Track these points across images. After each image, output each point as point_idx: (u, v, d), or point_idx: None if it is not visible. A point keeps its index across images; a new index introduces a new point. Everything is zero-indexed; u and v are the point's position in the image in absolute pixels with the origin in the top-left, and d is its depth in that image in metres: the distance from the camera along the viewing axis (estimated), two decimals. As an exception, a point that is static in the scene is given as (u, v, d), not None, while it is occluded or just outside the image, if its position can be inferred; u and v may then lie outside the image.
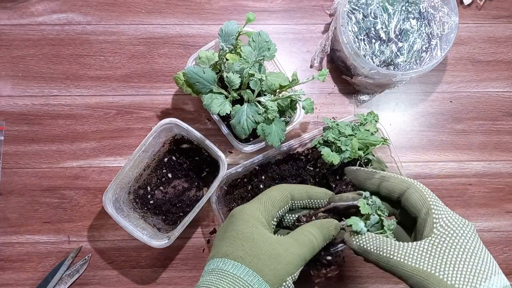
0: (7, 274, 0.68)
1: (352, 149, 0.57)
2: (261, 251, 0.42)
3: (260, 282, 0.40)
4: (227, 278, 0.40)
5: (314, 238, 0.46)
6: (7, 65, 0.72)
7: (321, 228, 0.47)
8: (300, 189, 0.51)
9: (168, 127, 0.62)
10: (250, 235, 0.43)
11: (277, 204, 0.48)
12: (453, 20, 0.68)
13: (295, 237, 0.45)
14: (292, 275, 0.42)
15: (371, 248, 0.45)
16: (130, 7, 0.74)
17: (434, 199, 0.46)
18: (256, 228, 0.44)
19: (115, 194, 0.62)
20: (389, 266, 0.43)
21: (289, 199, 0.49)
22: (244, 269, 0.41)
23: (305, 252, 0.44)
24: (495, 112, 0.74)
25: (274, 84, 0.59)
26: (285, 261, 0.42)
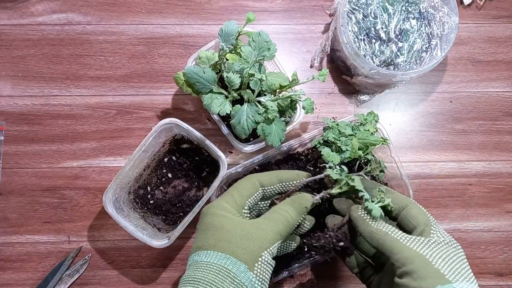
0: (7, 274, 0.68)
1: (352, 149, 0.57)
2: (231, 235, 0.43)
3: (234, 262, 0.41)
4: (201, 267, 0.42)
5: (286, 213, 0.47)
6: (7, 65, 0.72)
7: (292, 203, 0.49)
8: (270, 175, 0.52)
9: (168, 127, 0.62)
10: (219, 224, 0.45)
11: (245, 193, 0.49)
12: (453, 20, 0.68)
13: (266, 216, 0.47)
14: (267, 249, 0.43)
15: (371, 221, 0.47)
16: (130, 7, 0.74)
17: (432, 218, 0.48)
18: (225, 218, 0.45)
19: (115, 194, 0.62)
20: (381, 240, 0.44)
21: (258, 187, 0.50)
22: (217, 255, 0.42)
23: (279, 227, 0.45)
24: (495, 112, 0.74)
25: (274, 84, 0.59)
26: (257, 238, 0.43)
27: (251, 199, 0.50)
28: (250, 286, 0.41)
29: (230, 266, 0.41)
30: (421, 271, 0.40)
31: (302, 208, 0.49)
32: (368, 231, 0.46)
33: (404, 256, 0.42)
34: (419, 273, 0.40)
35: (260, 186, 0.51)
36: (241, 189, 0.50)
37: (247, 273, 0.41)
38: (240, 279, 0.41)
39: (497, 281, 0.71)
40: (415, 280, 0.40)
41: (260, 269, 0.42)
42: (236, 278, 0.41)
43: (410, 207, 0.49)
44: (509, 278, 0.71)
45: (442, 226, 0.72)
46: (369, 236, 0.46)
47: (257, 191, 0.50)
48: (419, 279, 0.40)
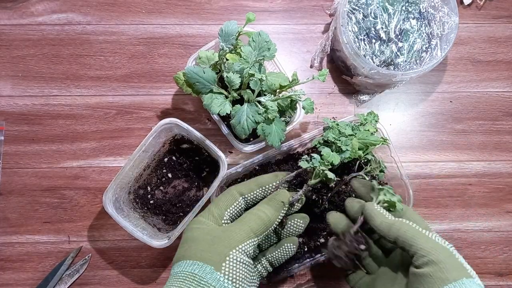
0: (7, 274, 0.68)
1: (352, 149, 0.57)
2: (200, 243, 0.45)
3: (200, 265, 0.43)
4: (172, 278, 0.44)
5: (260, 211, 0.49)
6: (7, 65, 0.72)
7: (268, 202, 0.50)
8: (248, 182, 0.53)
9: (168, 127, 0.62)
10: (192, 237, 0.47)
11: (222, 205, 0.50)
12: (453, 20, 0.68)
13: (238, 219, 0.49)
14: (235, 248, 0.44)
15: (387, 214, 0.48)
16: (130, 7, 0.74)
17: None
18: (198, 229, 0.47)
19: (115, 194, 0.62)
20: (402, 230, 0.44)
21: (236, 196, 0.52)
22: (186, 263, 0.44)
23: (250, 225, 0.47)
24: (495, 112, 0.74)
25: (274, 84, 0.59)
26: (225, 240, 0.45)
27: (230, 209, 0.51)
28: (219, 285, 0.42)
29: (197, 270, 0.42)
30: (447, 262, 0.41)
31: (278, 204, 0.50)
32: (386, 223, 0.46)
33: (429, 245, 0.42)
34: (445, 264, 0.40)
35: (239, 195, 0.52)
36: (218, 202, 0.51)
37: (214, 274, 0.42)
38: (207, 280, 0.42)
39: (497, 281, 0.71)
40: (441, 270, 0.40)
41: (229, 268, 0.43)
42: (202, 280, 0.42)
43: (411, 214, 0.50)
44: (509, 278, 0.71)
45: (442, 226, 0.72)
46: (386, 229, 0.46)
47: (236, 201, 0.51)
48: (446, 269, 0.40)
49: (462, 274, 0.40)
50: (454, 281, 0.40)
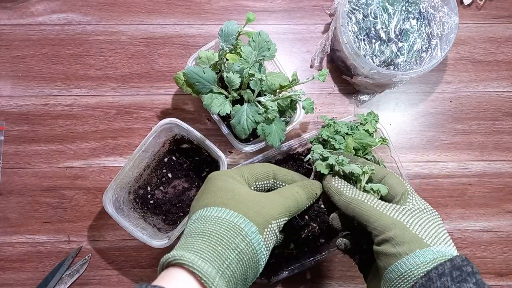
0: (7, 274, 0.68)
1: (346, 147, 0.57)
2: (243, 199, 0.42)
3: (246, 222, 0.40)
4: (211, 221, 0.40)
5: (297, 193, 0.46)
6: (7, 65, 0.72)
7: (303, 187, 0.48)
8: (286, 173, 0.50)
9: (168, 127, 0.62)
10: (231, 187, 0.44)
11: (256, 175, 0.48)
12: (453, 20, 0.68)
13: (277, 192, 0.47)
14: (276, 220, 0.43)
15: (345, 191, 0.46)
16: (130, 7, 0.74)
17: (410, 187, 0.48)
18: (234, 184, 0.44)
19: (115, 194, 0.62)
20: (358, 209, 0.44)
21: (270, 176, 0.49)
22: (229, 212, 0.41)
23: (289, 203, 0.45)
24: (495, 112, 0.74)
25: (274, 84, 0.59)
26: (268, 207, 0.43)
27: (259, 183, 0.48)
28: (258, 248, 0.40)
29: (243, 224, 0.40)
30: (399, 237, 0.40)
31: (312, 194, 0.48)
32: (344, 201, 0.45)
33: (381, 223, 0.42)
34: (397, 239, 0.40)
35: (273, 177, 0.49)
36: (254, 169, 0.48)
37: (257, 235, 0.40)
38: (251, 239, 0.40)
39: (497, 281, 0.71)
40: (393, 246, 0.40)
41: (268, 235, 0.41)
42: (247, 237, 0.39)
43: (388, 177, 0.48)
44: (509, 278, 0.71)
45: (442, 226, 0.72)
46: (345, 206, 0.45)
47: (268, 179, 0.49)
48: (398, 245, 0.40)
49: (415, 246, 0.39)
50: (406, 254, 0.39)
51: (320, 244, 0.65)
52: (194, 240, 0.39)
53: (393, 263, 0.39)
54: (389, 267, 0.40)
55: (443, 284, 0.36)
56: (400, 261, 0.39)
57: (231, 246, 0.38)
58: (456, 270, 0.36)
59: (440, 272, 0.36)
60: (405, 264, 0.39)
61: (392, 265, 0.39)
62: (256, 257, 0.40)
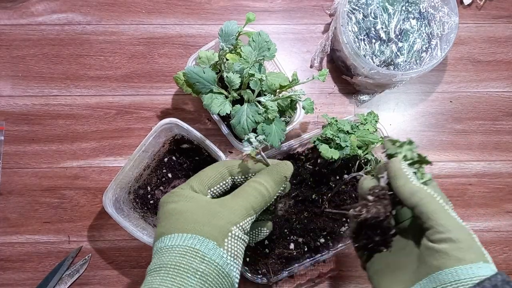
0: (7, 274, 0.68)
1: (351, 145, 0.57)
2: (196, 216, 0.41)
3: (202, 240, 0.39)
4: (166, 252, 0.39)
5: (261, 185, 0.43)
6: (7, 65, 0.72)
7: (269, 173, 0.45)
8: (241, 164, 0.47)
9: (168, 127, 0.62)
10: (181, 207, 0.42)
11: (206, 182, 0.45)
12: (453, 20, 0.68)
13: (236, 192, 0.44)
14: (237, 224, 0.41)
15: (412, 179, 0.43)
16: (130, 7, 0.74)
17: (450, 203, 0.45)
18: (185, 202, 0.42)
19: (115, 194, 0.62)
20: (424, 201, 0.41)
21: (226, 175, 0.46)
22: (182, 236, 0.39)
23: (250, 201, 0.42)
24: (495, 112, 0.74)
25: (274, 84, 0.59)
26: (224, 214, 0.41)
27: (215, 189, 0.45)
28: (222, 262, 0.39)
29: (198, 245, 0.38)
30: (467, 243, 0.39)
31: (281, 178, 0.45)
32: (409, 188, 0.42)
33: (450, 223, 0.40)
34: (464, 244, 0.39)
35: (229, 174, 0.46)
36: (203, 177, 0.45)
37: (217, 250, 0.39)
38: (210, 256, 0.38)
39: (497, 281, 0.71)
40: (459, 249, 0.38)
41: (231, 244, 0.40)
42: (205, 257, 0.38)
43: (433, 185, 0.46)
44: (509, 278, 0.71)
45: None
46: (409, 193, 0.41)
47: (223, 181, 0.46)
48: (464, 250, 0.38)
49: (480, 257, 0.38)
50: (471, 263, 0.37)
51: (320, 244, 0.65)
52: (153, 278, 0.38)
53: (452, 266, 0.38)
54: (447, 269, 0.38)
55: None
56: (462, 267, 0.38)
57: (190, 272, 0.37)
58: (506, 284, 0.36)
59: (493, 284, 0.36)
60: (467, 271, 0.37)
61: (451, 268, 0.38)
62: (223, 272, 0.39)
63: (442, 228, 0.39)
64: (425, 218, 0.41)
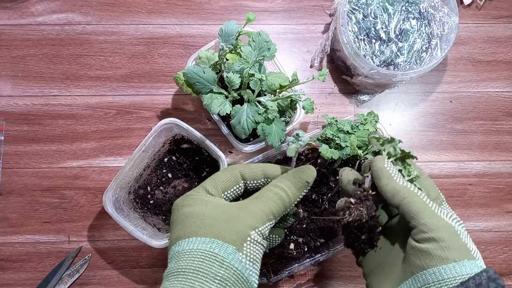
0: (7, 274, 0.68)
1: (351, 145, 0.57)
2: (214, 220, 0.40)
3: (220, 244, 0.38)
4: (184, 256, 0.38)
5: (282, 190, 0.43)
6: (7, 65, 0.72)
7: (292, 178, 0.44)
8: (254, 168, 0.46)
9: (168, 127, 0.62)
10: (199, 211, 0.41)
11: (220, 186, 0.44)
12: (453, 20, 0.68)
13: (256, 196, 0.43)
14: (256, 229, 0.40)
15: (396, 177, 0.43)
16: (130, 7, 0.74)
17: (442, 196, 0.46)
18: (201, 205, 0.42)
19: (115, 194, 0.62)
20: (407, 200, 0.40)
21: (239, 179, 0.45)
22: (200, 240, 0.38)
23: (270, 207, 0.41)
24: (495, 112, 0.74)
25: (274, 84, 0.59)
26: (243, 218, 0.40)
27: (228, 192, 0.45)
28: (241, 267, 0.38)
29: (217, 249, 0.38)
30: (450, 241, 0.38)
31: (302, 183, 0.44)
32: (392, 187, 0.41)
33: (432, 222, 0.39)
34: (447, 243, 0.38)
35: (241, 179, 0.45)
36: (217, 180, 0.44)
37: (236, 254, 0.38)
38: (229, 261, 0.38)
39: (497, 281, 0.71)
40: (442, 249, 0.38)
41: (250, 249, 0.39)
42: (224, 261, 0.37)
43: (424, 178, 0.46)
44: (509, 278, 0.71)
45: (442, 226, 0.72)
46: (392, 193, 0.41)
47: (237, 184, 0.45)
48: (447, 249, 0.38)
49: (464, 255, 0.38)
50: (454, 261, 0.37)
51: (320, 244, 0.65)
52: (171, 283, 0.37)
53: (435, 266, 0.37)
54: (430, 269, 0.38)
55: None
56: (445, 266, 0.37)
57: (209, 277, 0.36)
58: (492, 282, 0.36)
59: (477, 283, 0.36)
60: (450, 271, 0.37)
61: (434, 268, 0.38)
62: (242, 277, 0.38)
63: (425, 227, 0.39)
64: (408, 218, 0.40)
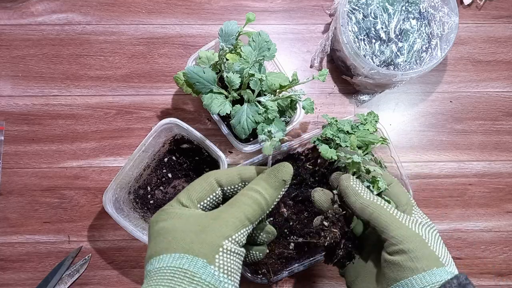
0: (7, 274, 0.68)
1: (351, 145, 0.57)
2: (185, 233, 0.38)
3: (190, 259, 0.36)
4: (154, 275, 0.37)
5: (256, 192, 0.41)
6: (7, 65, 0.72)
7: (266, 178, 0.42)
8: (229, 173, 0.44)
9: (168, 127, 0.62)
10: (170, 225, 0.40)
11: (195, 197, 0.42)
12: (453, 20, 0.68)
13: (229, 202, 0.41)
14: (229, 238, 0.38)
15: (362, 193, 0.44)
16: (130, 7, 0.74)
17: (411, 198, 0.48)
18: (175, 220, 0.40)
19: (115, 194, 0.62)
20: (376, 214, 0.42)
21: (214, 187, 0.43)
22: (170, 257, 0.37)
23: (245, 212, 0.40)
24: (495, 112, 0.74)
25: (274, 84, 0.59)
26: (215, 228, 0.38)
27: (205, 202, 0.42)
28: (214, 281, 0.36)
29: (186, 264, 0.36)
30: (418, 251, 0.39)
31: (279, 182, 0.42)
32: (360, 203, 0.43)
33: (400, 233, 0.40)
34: (416, 253, 0.39)
35: (218, 186, 0.43)
36: (191, 191, 0.43)
37: (208, 268, 0.36)
38: (200, 275, 0.35)
39: (497, 281, 0.71)
40: (411, 260, 0.39)
41: (223, 260, 0.37)
42: (195, 277, 0.35)
43: (393, 186, 0.47)
44: (509, 278, 0.71)
45: (442, 226, 0.72)
46: (360, 209, 0.43)
47: (213, 193, 0.43)
48: (416, 259, 0.39)
49: (433, 263, 0.39)
50: (424, 271, 0.38)
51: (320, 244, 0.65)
52: None
53: (407, 277, 0.39)
54: (402, 281, 0.39)
55: None
56: (416, 277, 0.38)
57: None
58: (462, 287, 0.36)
59: None
60: (421, 280, 0.38)
61: (406, 279, 0.39)
62: None
63: (394, 240, 0.40)
64: (379, 231, 0.42)
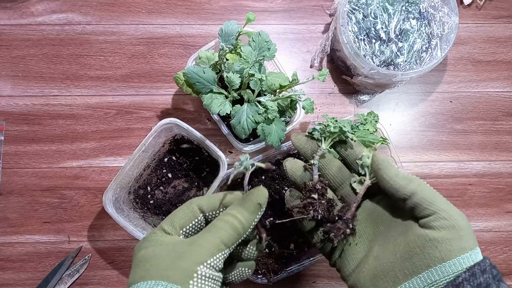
0: (7, 274, 0.68)
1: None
2: (162, 260, 0.40)
3: (165, 286, 0.37)
4: None
5: (231, 217, 0.42)
6: (7, 65, 0.72)
7: (241, 203, 0.43)
8: (211, 199, 0.45)
9: (168, 127, 0.62)
10: (150, 254, 0.41)
11: (177, 223, 0.43)
12: (453, 20, 0.68)
13: (206, 228, 0.42)
14: (204, 263, 0.39)
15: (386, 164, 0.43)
16: (130, 7, 0.74)
17: None
18: (155, 247, 0.41)
19: (115, 194, 0.62)
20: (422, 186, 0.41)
21: (196, 213, 0.44)
22: (146, 284, 0.38)
23: (220, 236, 0.41)
24: (495, 112, 0.74)
25: (274, 84, 0.59)
26: (191, 254, 0.39)
27: (187, 228, 0.44)
28: None
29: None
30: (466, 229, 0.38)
31: (255, 206, 0.43)
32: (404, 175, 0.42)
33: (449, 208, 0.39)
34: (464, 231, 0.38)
35: (200, 212, 0.44)
36: (174, 218, 0.44)
37: None
38: None
39: (497, 281, 0.71)
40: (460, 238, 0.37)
41: (197, 286, 0.38)
42: None
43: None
44: (509, 278, 0.71)
45: (442, 226, 0.72)
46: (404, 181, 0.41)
47: (195, 219, 0.44)
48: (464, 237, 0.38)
49: (476, 243, 0.38)
50: (471, 250, 0.37)
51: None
52: None
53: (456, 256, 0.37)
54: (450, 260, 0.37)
55: (486, 281, 0.35)
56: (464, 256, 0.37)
57: None
58: (494, 268, 0.36)
59: (482, 269, 0.36)
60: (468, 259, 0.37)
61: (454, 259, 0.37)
62: None
63: (444, 213, 0.38)
64: (426, 205, 0.40)
